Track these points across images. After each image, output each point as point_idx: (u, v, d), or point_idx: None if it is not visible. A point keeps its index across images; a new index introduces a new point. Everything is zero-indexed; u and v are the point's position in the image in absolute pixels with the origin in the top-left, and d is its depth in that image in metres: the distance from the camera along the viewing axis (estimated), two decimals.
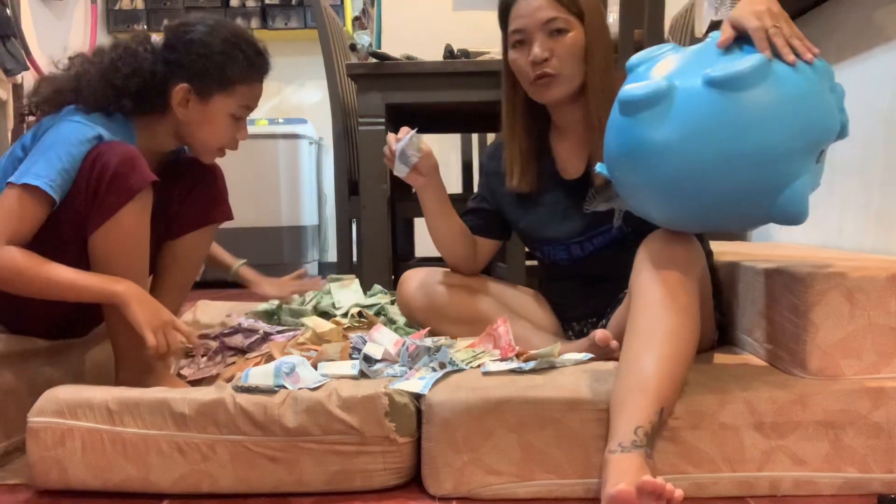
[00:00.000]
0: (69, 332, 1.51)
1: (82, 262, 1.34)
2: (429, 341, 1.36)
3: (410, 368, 1.31)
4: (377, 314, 1.81)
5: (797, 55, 1.06)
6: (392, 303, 1.85)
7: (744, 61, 1.04)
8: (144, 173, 1.33)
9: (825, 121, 1.06)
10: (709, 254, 1.54)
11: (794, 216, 1.07)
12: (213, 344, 1.72)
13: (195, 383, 1.51)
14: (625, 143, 1.12)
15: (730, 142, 1.04)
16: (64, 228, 1.33)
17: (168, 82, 1.41)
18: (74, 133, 1.33)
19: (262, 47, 1.49)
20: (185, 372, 1.57)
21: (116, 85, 1.39)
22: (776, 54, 1.06)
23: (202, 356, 1.61)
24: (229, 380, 1.39)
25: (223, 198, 1.58)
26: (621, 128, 1.12)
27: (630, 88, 1.09)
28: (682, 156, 1.06)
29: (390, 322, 1.75)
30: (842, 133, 1.09)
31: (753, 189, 1.06)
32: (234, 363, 1.57)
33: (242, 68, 1.43)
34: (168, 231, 1.53)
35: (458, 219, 1.57)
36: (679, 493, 0.96)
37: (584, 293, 1.53)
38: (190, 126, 1.44)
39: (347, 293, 1.89)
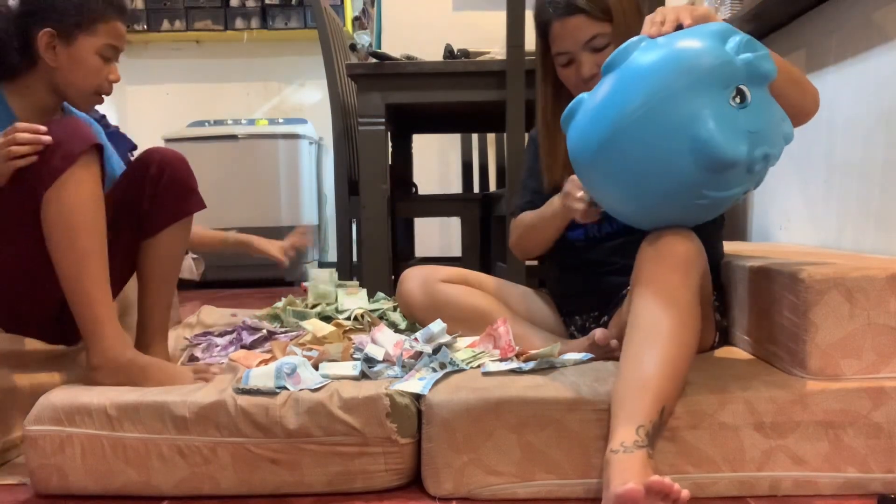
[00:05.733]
0: (61, 334, 1.51)
1: (36, 241, 1.34)
2: (428, 347, 1.36)
3: (409, 371, 1.31)
4: (379, 318, 1.81)
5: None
6: (395, 308, 1.85)
7: None
8: (84, 137, 1.35)
9: (705, 62, 1.10)
10: (720, 258, 1.54)
11: (711, 150, 1.08)
12: (221, 340, 1.73)
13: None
14: (570, 153, 1.24)
15: (618, 106, 1.13)
16: (17, 206, 1.34)
17: (31, 33, 1.42)
18: None
19: None
20: (199, 354, 1.60)
21: None
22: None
23: (216, 346, 1.63)
24: (233, 363, 1.39)
25: (193, 187, 1.56)
26: (567, 144, 1.25)
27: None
28: (592, 135, 1.17)
29: (392, 326, 1.75)
30: (754, 69, 1.11)
31: (662, 137, 1.11)
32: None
33: (99, 6, 1.45)
34: (143, 230, 1.53)
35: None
36: (686, 493, 0.97)
37: (589, 286, 1.54)
38: (61, 72, 1.45)
39: (353, 300, 1.90)
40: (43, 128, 1.31)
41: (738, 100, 1.10)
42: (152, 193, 1.51)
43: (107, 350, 1.33)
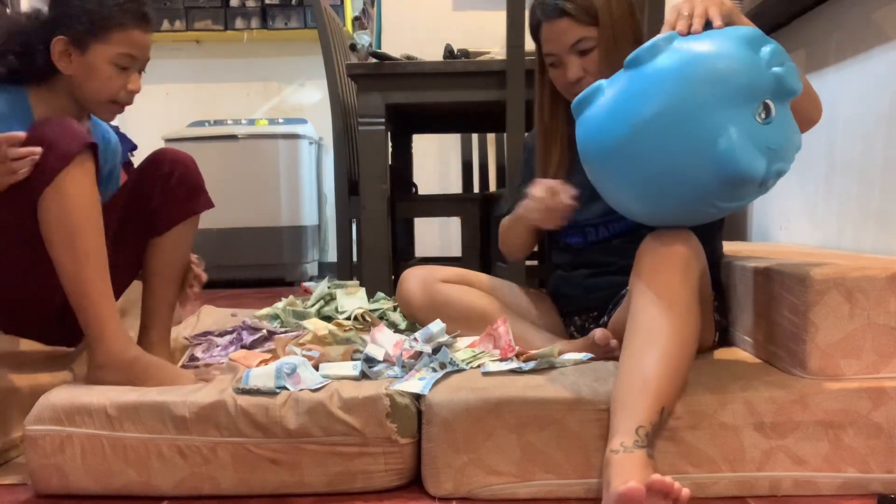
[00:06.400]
0: (62, 336, 1.51)
1: (37, 242, 1.33)
2: (428, 347, 1.36)
3: (409, 371, 1.31)
4: (379, 318, 1.81)
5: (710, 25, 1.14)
6: (394, 308, 1.85)
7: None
8: (78, 137, 1.33)
9: (738, 74, 1.08)
10: (720, 257, 1.54)
11: (733, 166, 1.07)
12: (221, 340, 1.73)
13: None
14: (579, 143, 1.21)
15: (642, 108, 1.10)
16: (13, 206, 1.33)
17: (50, 39, 1.41)
18: None
19: None
20: (199, 355, 1.59)
21: None
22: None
23: (217, 346, 1.63)
24: (233, 364, 1.39)
25: (201, 187, 1.57)
26: (578, 133, 1.22)
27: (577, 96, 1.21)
28: (610, 132, 1.14)
29: (392, 326, 1.75)
30: (782, 85, 1.09)
31: (684, 146, 1.09)
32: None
33: (113, 13, 1.42)
34: (152, 228, 1.54)
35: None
36: (686, 491, 0.97)
37: (588, 285, 1.54)
38: (77, 80, 1.43)
39: (353, 300, 1.90)
40: (23, 135, 1.29)
41: (763, 115, 1.09)
42: (163, 192, 1.52)
43: (110, 349, 1.33)
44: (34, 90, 1.44)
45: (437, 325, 1.40)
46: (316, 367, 1.31)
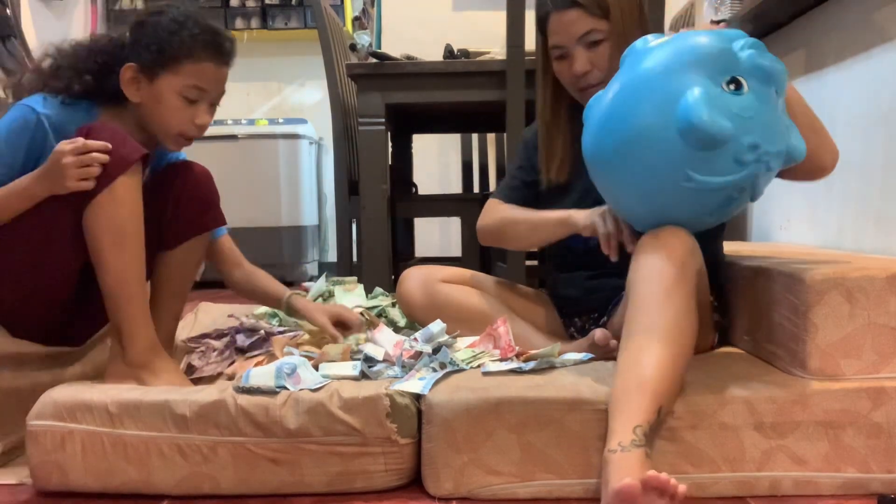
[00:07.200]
0: (67, 338, 1.51)
1: (77, 240, 1.34)
2: (428, 347, 1.36)
3: (409, 371, 1.31)
4: (378, 316, 1.81)
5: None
6: (393, 305, 1.86)
7: None
8: (135, 146, 1.34)
9: (706, 48, 1.16)
10: (721, 260, 1.54)
11: (692, 117, 1.11)
12: (217, 343, 1.72)
13: (197, 381, 1.52)
14: (584, 148, 1.28)
15: (629, 90, 1.19)
16: (57, 208, 1.33)
17: (123, 64, 1.41)
18: (8, 119, 1.37)
19: (215, 28, 1.45)
20: (195, 363, 1.59)
21: (75, 67, 1.42)
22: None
23: (213, 351, 1.62)
24: (230, 378, 1.39)
25: (215, 203, 1.57)
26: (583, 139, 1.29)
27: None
28: (600, 125, 1.22)
29: (391, 323, 1.75)
30: (756, 63, 1.15)
31: (652, 108, 1.15)
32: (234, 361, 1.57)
33: (185, 45, 1.40)
34: (163, 241, 1.53)
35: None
36: (682, 487, 0.97)
37: (589, 287, 1.54)
38: (145, 108, 1.43)
39: (351, 297, 1.90)
40: (93, 143, 1.29)
41: (732, 87, 1.14)
42: (175, 207, 1.52)
43: (144, 348, 1.36)
44: (106, 111, 1.44)
45: (437, 325, 1.40)
46: (316, 367, 1.31)
